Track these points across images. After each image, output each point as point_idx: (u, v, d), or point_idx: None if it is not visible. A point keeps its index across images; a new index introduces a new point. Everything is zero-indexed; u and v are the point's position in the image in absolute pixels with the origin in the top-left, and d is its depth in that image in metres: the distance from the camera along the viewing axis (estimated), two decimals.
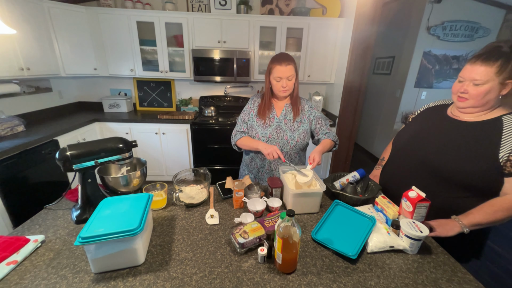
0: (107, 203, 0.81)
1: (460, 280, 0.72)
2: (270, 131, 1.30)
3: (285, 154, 1.31)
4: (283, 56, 1.21)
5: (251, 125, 1.33)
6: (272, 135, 1.29)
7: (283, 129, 1.30)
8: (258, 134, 1.30)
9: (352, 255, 0.75)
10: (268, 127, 1.30)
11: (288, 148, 1.30)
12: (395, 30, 3.50)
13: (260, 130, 1.30)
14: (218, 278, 0.70)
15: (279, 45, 2.64)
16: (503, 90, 0.82)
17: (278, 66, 1.19)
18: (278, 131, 1.30)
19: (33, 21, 2.08)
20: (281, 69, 1.19)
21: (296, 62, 1.24)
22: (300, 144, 1.31)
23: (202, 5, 2.71)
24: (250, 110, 1.36)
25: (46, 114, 2.57)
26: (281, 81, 1.21)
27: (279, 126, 1.30)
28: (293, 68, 1.20)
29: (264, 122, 1.30)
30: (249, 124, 1.34)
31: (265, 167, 1.36)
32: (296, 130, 1.30)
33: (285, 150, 1.31)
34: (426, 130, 1.01)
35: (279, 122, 1.30)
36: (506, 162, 0.79)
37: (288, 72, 1.19)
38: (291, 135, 1.29)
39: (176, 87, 3.09)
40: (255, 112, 1.34)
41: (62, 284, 0.67)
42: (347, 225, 0.90)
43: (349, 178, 1.16)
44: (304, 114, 1.33)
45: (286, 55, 1.21)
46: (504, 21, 3.11)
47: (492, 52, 0.82)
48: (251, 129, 1.33)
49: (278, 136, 1.29)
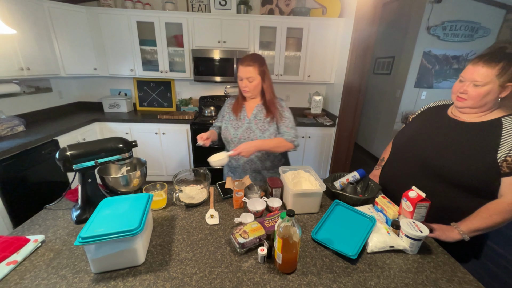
0: (107, 203, 0.81)
1: (460, 280, 0.72)
2: (241, 132, 1.32)
3: (257, 154, 1.32)
4: (248, 57, 1.24)
5: (225, 126, 1.35)
6: (243, 136, 1.31)
7: (253, 130, 1.31)
8: (230, 135, 1.33)
9: (352, 255, 0.75)
10: (239, 128, 1.32)
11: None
12: (395, 30, 3.50)
13: (232, 131, 1.33)
14: (218, 278, 0.70)
15: (279, 45, 2.64)
16: (502, 92, 0.82)
17: (240, 66, 1.23)
18: (248, 131, 1.31)
19: (33, 21, 2.08)
20: (241, 69, 1.22)
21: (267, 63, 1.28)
22: None
23: (202, 5, 2.71)
24: (224, 113, 1.39)
25: (46, 114, 2.57)
26: (242, 81, 1.24)
27: (249, 127, 1.32)
28: (254, 70, 1.21)
29: (236, 121, 1.33)
30: (224, 126, 1.36)
31: (240, 166, 1.36)
32: (266, 130, 1.31)
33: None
34: (426, 130, 1.01)
35: (249, 122, 1.32)
36: (502, 162, 0.80)
37: (248, 73, 1.21)
38: (261, 135, 1.30)
39: (176, 87, 3.09)
40: (230, 112, 1.36)
41: (62, 284, 0.67)
42: (347, 225, 0.90)
43: (349, 178, 1.16)
44: (275, 113, 1.34)
45: (251, 56, 1.24)
46: (504, 21, 3.10)
47: (495, 54, 0.82)
48: (225, 130, 1.35)
49: (249, 136, 1.31)
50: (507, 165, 0.79)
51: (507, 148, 0.79)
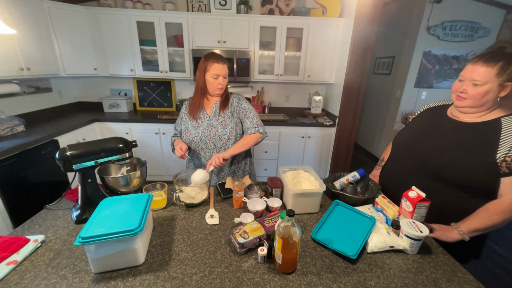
0: (107, 203, 0.81)
1: (460, 280, 0.72)
2: (202, 130, 1.32)
3: (220, 149, 1.34)
4: (219, 55, 1.26)
5: (185, 128, 1.35)
6: (204, 133, 1.32)
7: (214, 126, 1.32)
8: (191, 135, 1.32)
9: (352, 255, 0.75)
10: (200, 126, 1.32)
11: (222, 144, 1.33)
12: (395, 30, 3.50)
13: (193, 130, 1.32)
14: (218, 278, 0.70)
15: (279, 45, 2.63)
16: (501, 92, 0.82)
17: (216, 64, 1.23)
18: (209, 128, 1.32)
19: (33, 21, 2.08)
20: (219, 67, 1.23)
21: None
22: (233, 137, 1.33)
23: (202, 5, 2.71)
24: (183, 115, 1.38)
25: (46, 114, 2.57)
26: (218, 78, 1.25)
27: (210, 124, 1.32)
28: (227, 67, 1.27)
29: (196, 122, 1.33)
30: (184, 128, 1.36)
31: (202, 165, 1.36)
32: (227, 125, 1.32)
33: (219, 145, 1.33)
34: (425, 130, 1.01)
35: (209, 119, 1.32)
36: (502, 162, 0.80)
37: (225, 70, 1.25)
38: (222, 130, 1.31)
39: (176, 87, 3.09)
40: (187, 114, 1.36)
41: (62, 284, 0.67)
42: (347, 225, 0.90)
43: (349, 178, 1.16)
44: (233, 107, 1.35)
45: (219, 54, 1.27)
46: (504, 21, 3.10)
47: (495, 53, 0.82)
48: (186, 131, 1.34)
49: (210, 133, 1.32)
50: (507, 165, 0.79)
51: (506, 148, 0.79)
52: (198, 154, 1.37)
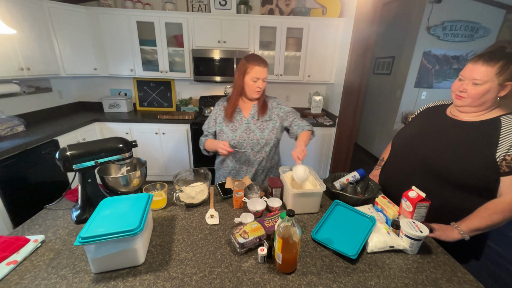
0: (107, 203, 0.81)
1: (460, 280, 0.72)
2: (239, 133, 1.30)
3: (256, 153, 1.32)
4: (260, 57, 1.23)
5: (220, 130, 1.32)
6: (242, 137, 1.30)
7: (252, 130, 1.30)
8: (228, 137, 1.30)
9: (352, 255, 0.75)
10: (237, 129, 1.30)
11: (259, 147, 1.31)
12: (395, 30, 3.50)
13: (230, 133, 1.30)
14: (218, 278, 0.70)
15: (279, 45, 2.63)
16: (501, 91, 0.82)
17: (257, 67, 1.20)
18: (247, 132, 1.30)
19: (33, 21, 2.08)
20: (260, 70, 1.20)
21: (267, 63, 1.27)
22: (270, 142, 1.32)
23: (202, 5, 2.71)
24: (217, 116, 1.35)
25: (46, 114, 2.57)
26: (257, 81, 1.22)
27: (248, 127, 1.30)
28: (267, 71, 1.25)
29: (233, 124, 1.31)
30: (218, 130, 1.33)
31: (236, 168, 1.36)
32: (265, 129, 1.31)
33: (256, 149, 1.32)
34: (425, 130, 1.01)
35: (248, 123, 1.31)
36: (502, 161, 0.80)
37: (265, 73, 1.22)
38: (260, 134, 1.30)
39: (176, 87, 3.09)
40: (223, 116, 1.33)
41: (62, 284, 0.67)
42: (347, 225, 0.90)
43: (349, 178, 1.16)
44: (273, 111, 1.34)
45: (260, 56, 1.24)
46: (504, 21, 3.10)
47: (495, 52, 0.82)
48: (221, 134, 1.32)
49: (248, 137, 1.30)
50: (506, 164, 0.79)
51: (506, 147, 0.79)
52: (234, 157, 1.34)
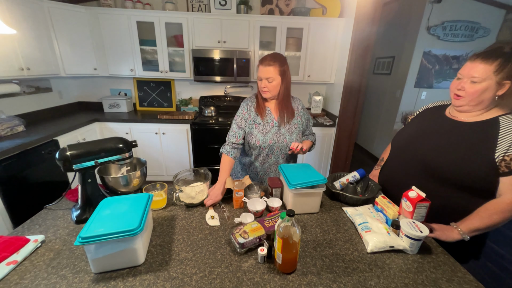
0: (107, 203, 0.81)
1: (460, 280, 0.72)
2: (270, 137, 1.26)
3: (285, 155, 1.32)
4: (268, 56, 1.18)
5: (249, 131, 1.27)
6: (273, 140, 1.27)
7: (282, 133, 1.28)
8: (259, 141, 1.26)
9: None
10: (268, 132, 1.26)
11: (287, 151, 1.30)
12: (395, 30, 3.50)
13: (261, 136, 1.26)
14: (218, 278, 0.70)
15: (279, 45, 2.63)
16: (499, 90, 0.82)
17: (260, 66, 1.18)
18: (278, 135, 1.27)
19: (33, 21, 2.08)
20: (261, 69, 1.18)
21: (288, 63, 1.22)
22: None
23: (202, 5, 2.71)
24: (247, 115, 1.28)
25: (46, 114, 2.57)
26: (261, 81, 1.20)
27: (278, 131, 1.27)
28: (274, 70, 1.15)
29: (263, 127, 1.27)
30: (248, 131, 1.27)
31: (264, 169, 1.35)
32: (293, 132, 1.29)
33: (284, 152, 1.31)
34: (424, 130, 1.01)
35: (278, 126, 1.28)
36: (501, 162, 0.80)
37: (267, 73, 1.16)
38: (289, 137, 1.28)
39: (176, 87, 3.08)
40: (253, 116, 1.27)
41: (62, 284, 0.67)
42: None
43: (349, 178, 1.16)
44: (299, 115, 1.33)
45: (272, 55, 1.18)
46: (504, 21, 3.10)
47: (493, 51, 0.82)
48: (250, 135, 1.27)
49: (278, 140, 1.27)
50: (505, 164, 0.79)
51: (505, 147, 0.79)
52: (263, 159, 1.32)
